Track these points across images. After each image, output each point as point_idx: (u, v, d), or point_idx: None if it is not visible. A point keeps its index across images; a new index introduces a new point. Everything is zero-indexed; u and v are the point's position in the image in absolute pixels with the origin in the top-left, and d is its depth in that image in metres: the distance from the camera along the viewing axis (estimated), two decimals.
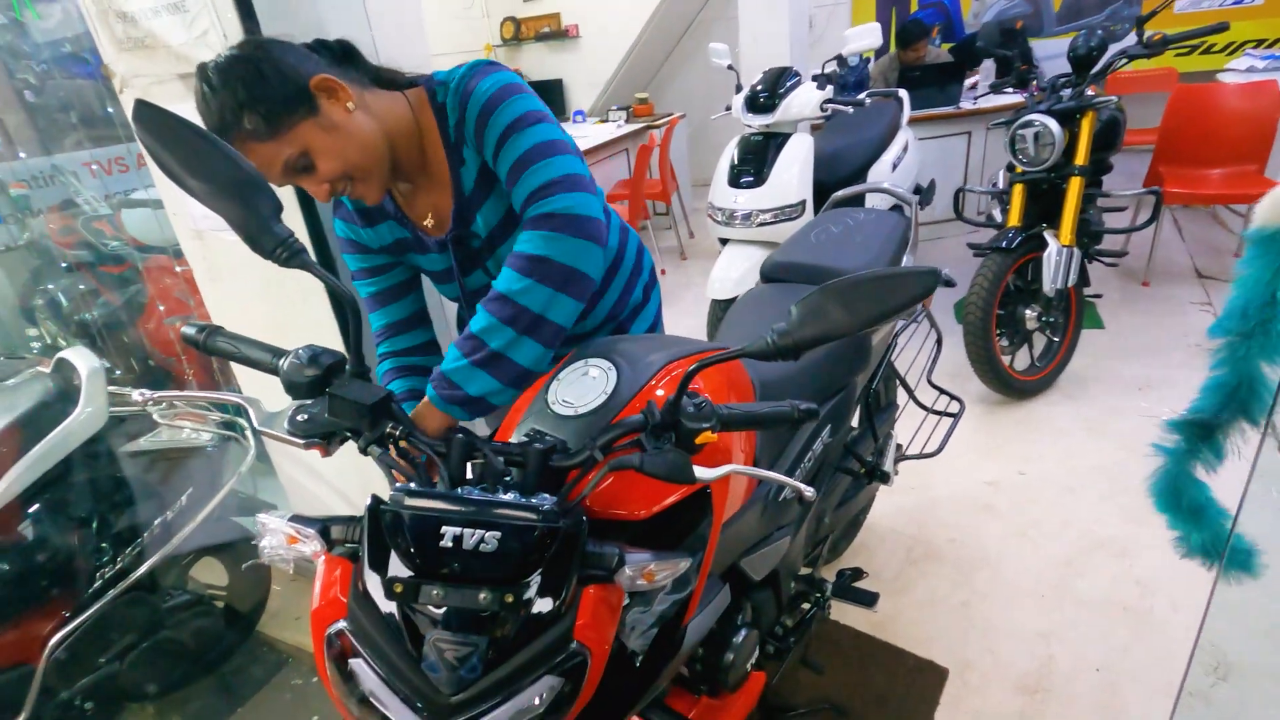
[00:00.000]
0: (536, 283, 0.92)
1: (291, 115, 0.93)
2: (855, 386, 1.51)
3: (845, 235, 1.67)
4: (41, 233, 2.79)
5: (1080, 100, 2.55)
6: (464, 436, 0.81)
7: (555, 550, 0.73)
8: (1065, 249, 2.56)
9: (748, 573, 1.21)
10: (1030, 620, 1.82)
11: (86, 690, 1.53)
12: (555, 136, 1.01)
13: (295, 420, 0.82)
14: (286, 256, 0.77)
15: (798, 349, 0.76)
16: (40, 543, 1.47)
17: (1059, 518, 2.16)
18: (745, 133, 3.08)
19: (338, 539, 0.79)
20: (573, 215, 0.95)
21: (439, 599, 0.70)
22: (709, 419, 0.82)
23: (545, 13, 5.99)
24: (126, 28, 1.21)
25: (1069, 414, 2.66)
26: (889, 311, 0.75)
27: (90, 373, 1.51)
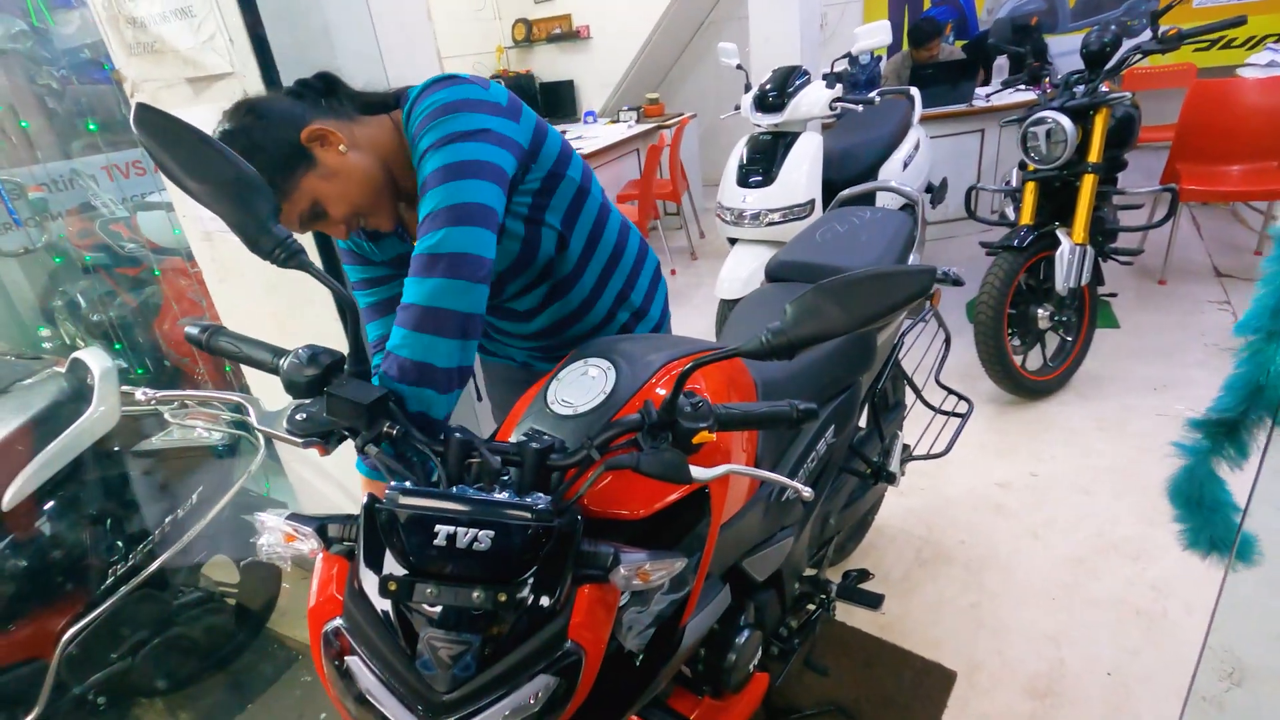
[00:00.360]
0: (409, 331, 0.89)
1: (292, 175, 0.97)
2: (860, 386, 1.50)
3: (851, 234, 1.66)
4: (60, 235, 2.84)
5: (1093, 97, 2.51)
6: (461, 435, 0.81)
7: (549, 549, 0.73)
8: (1078, 247, 2.53)
9: (750, 573, 1.21)
10: (1041, 622, 1.80)
11: (99, 685, 1.56)
12: (464, 158, 0.95)
13: (294, 419, 0.83)
14: (285, 257, 0.78)
15: (792, 348, 0.75)
16: (54, 539, 1.50)
17: (1071, 518, 2.13)
18: (754, 132, 3.08)
19: (335, 537, 0.79)
20: (441, 254, 0.91)
21: (433, 597, 0.70)
22: (706, 419, 0.81)
23: (557, 14, 6.01)
24: (136, 33, 1.23)
25: (1082, 414, 2.62)
26: (886, 310, 0.74)
27: (103, 373, 1.54)
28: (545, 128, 1.13)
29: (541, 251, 1.17)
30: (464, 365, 0.94)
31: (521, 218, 1.13)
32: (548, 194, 1.14)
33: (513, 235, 1.14)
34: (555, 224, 1.17)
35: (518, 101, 1.09)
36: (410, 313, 0.89)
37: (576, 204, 1.19)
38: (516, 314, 1.28)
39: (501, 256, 1.15)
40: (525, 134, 1.07)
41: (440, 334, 0.89)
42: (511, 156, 1.02)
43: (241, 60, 1.17)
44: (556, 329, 1.29)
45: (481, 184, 0.96)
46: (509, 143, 1.02)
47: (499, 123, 1.02)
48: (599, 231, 1.25)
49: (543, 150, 1.11)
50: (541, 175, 1.12)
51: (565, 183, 1.16)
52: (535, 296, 1.25)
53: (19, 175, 2.70)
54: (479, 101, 1.01)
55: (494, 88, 1.06)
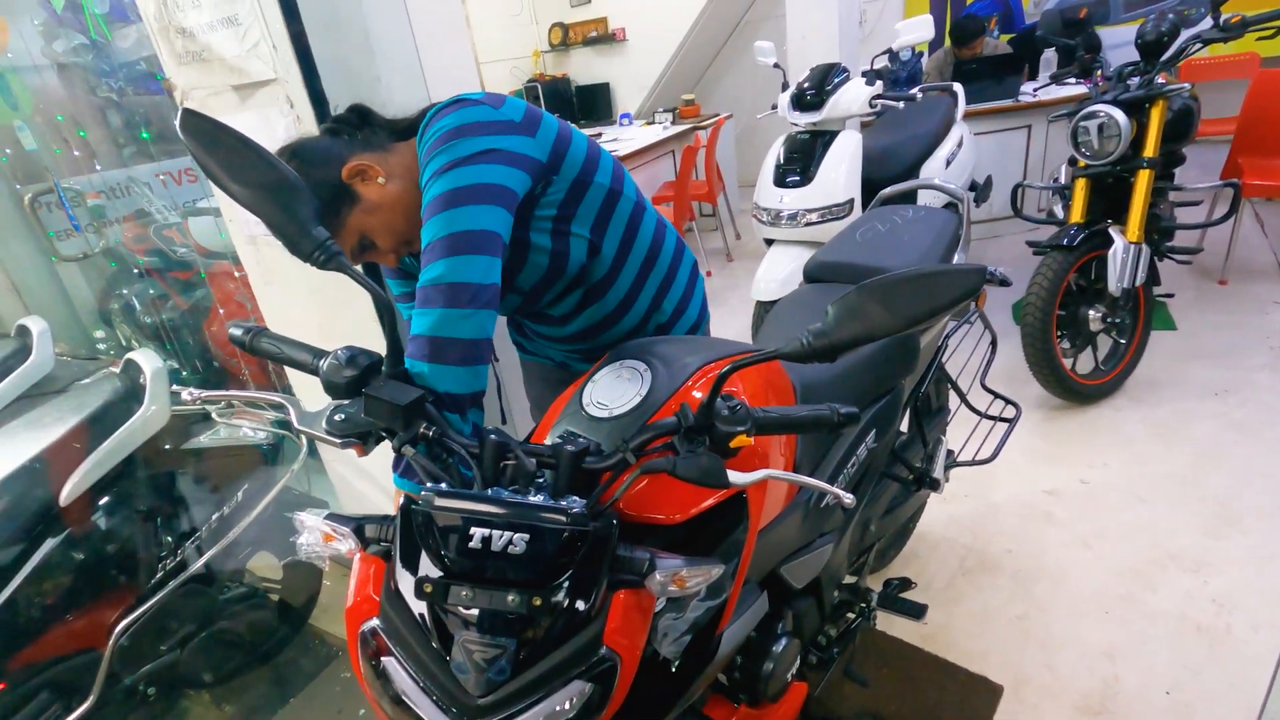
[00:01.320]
0: (415, 359, 0.90)
1: (339, 213, 1.02)
2: (903, 390, 1.46)
3: (892, 233, 1.62)
4: (116, 240, 2.96)
5: (1149, 89, 2.41)
6: (497, 438, 0.81)
7: (584, 553, 0.72)
8: (1132, 246, 2.43)
9: (788, 580, 1.18)
10: (1093, 636, 1.73)
11: (149, 676, 1.61)
12: (463, 184, 0.96)
13: (333, 420, 0.84)
14: (324, 259, 0.79)
15: (834, 350, 0.73)
16: (107, 534, 1.55)
17: (1126, 528, 2.04)
18: (791, 131, 3.03)
19: (372, 537, 0.80)
20: (440, 285, 0.92)
21: (468, 600, 0.70)
22: (744, 422, 0.80)
23: (593, 17, 6.03)
24: (185, 42, 1.27)
25: (1137, 419, 2.51)
26: (932, 311, 0.72)
27: (154, 373, 1.59)
28: (569, 136, 1.12)
29: (572, 261, 1.17)
30: (476, 390, 0.95)
31: (547, 231, 1.13)
32: (573, 203, 1.14)
33: (540, 249, 1.14)
34: (584, 232, 1.16)
35: (536, 114, 1.09)
36: (417, 344, 0.91)
37: (607, 209, 1.18)
38: (552, 318, 1.28)
39: (531, 270, 1.16)
40: (543, 147, 1.07)
41: (446, 362, 0.91)
42: (522, 173, 1.02)
43: (284, 66, 1.19)
44: (593, 331, 1.28)
45: (480, 209, 0.96)
46: (519, 159, 1.02)
47: (509, 140, 1.02)
48: (633, 233, 1.23)
49: (565, 160, 1.10)
50: (565, 185, 1.12)
51: (593, 189, 1.15)
52: (570, 302, 1.24)
53: (79, 183, 2.82)
54: (485, 123, 1.01)
55: (509, 104, 1.06)
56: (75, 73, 2.80)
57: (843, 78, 2.93)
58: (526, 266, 1.15)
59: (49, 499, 1.46)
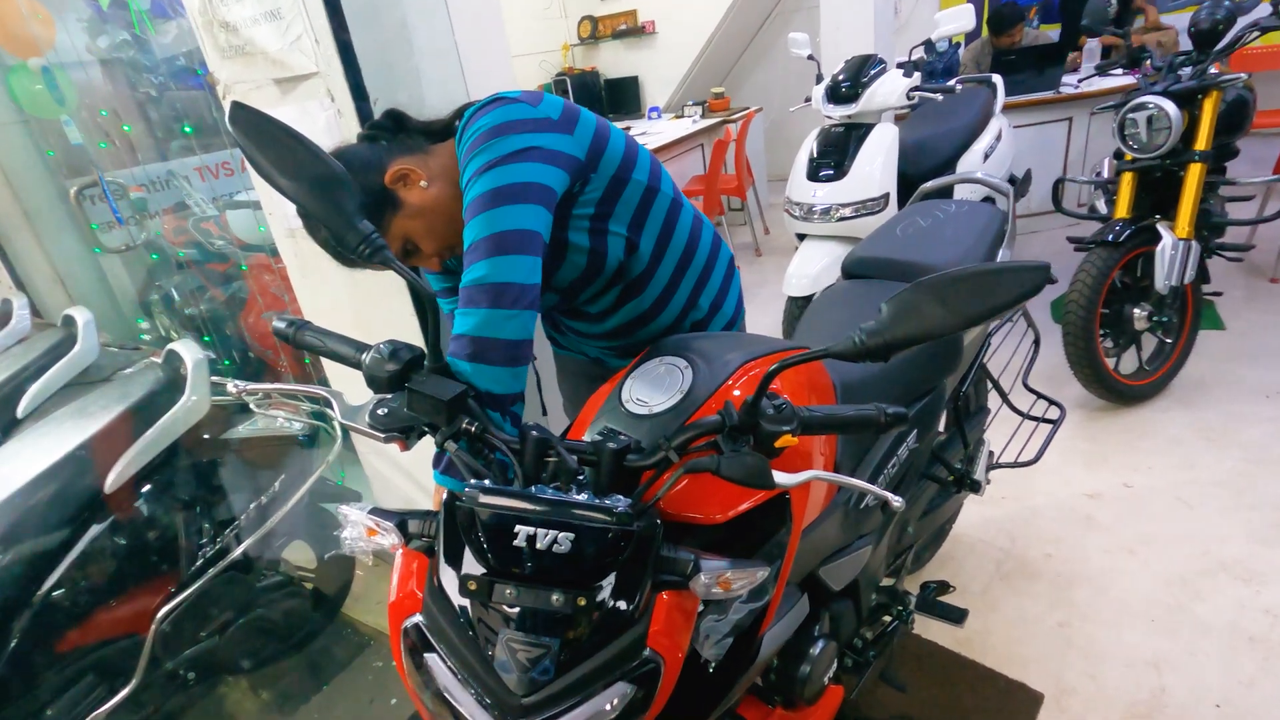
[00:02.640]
0: (458, 359, 0.91)
1: (382, 220, 1.03)
2: (945, 389, 1.43)
3: (935, 229, 1.58)
4: (157, 233, 3.02)
5: (1202, 79, 2.32)
6: (538, 434, 0.80)
7: (629, 553, 0.71)
8: (1182, 242, 2.34)
9: (826, 582, 1.16)
10: (1139, 645, 1.68)
11: (188, 661, 1.64)
12: (504, 183, 0.95)
13: (375, 414, 0.83)
14: (369, 253, 0.78)
15: (888, 350, 0.71)
16: (150, 521, 1.58)
17: (1173, 534, 1.98)
18: (825, 124, 2.98)
19: (415, 533, 0.80)
20: (484, 285, 0.92)
21: (512, 598, 0.69)
22: (789, 422, 0.78)
23: (622, 10, 6.00)
24: (229, 36, 1.28)
25: (1184, 421, 2.43)
26: (992, 311, 0.69)
27: (195, 364, 1.61)
28: (607, 132, 1.11)
29: (610, 259, 1.16)
30: (516, 391, 0.95)
31: (585, 229, 1.12)
32: (611, 201, 1.12)
33: (577, 248, 1.13)
34: (621, 230, 1.15)
35: (574, 111, 1.08)
36: (460, 343, 0.91)
37: (644, 206, 1.17)
38: (589, 315, 1.27)
39: (568, 269, 1.15)
40: (581, 145, 1.06)
41: (489, 362, 0.91)
42: (561, 171, 1.02)
43: (326, 60, 1.20)
44: (630, 328, 1.27)
45: (522, 208, 0.96)
46: (559, 157, 1.01)
47: (548, 139, 1.01)
48: (670, 230, 1.22)
49: (604, 157, 1.09)
50: (604, 183, 1.11)
51: (631, 186, 1.14)
52: (608, 299, 1.23)
53: (121, 177, 2.88)
54: (524, 121, 1.00)
55: (546, 101, 1.05)
56: (118, 68, 2.85)
57: (879, 69, 2.87)
58: (564, 265, 1.15)
59: (94, 486, 1.49)
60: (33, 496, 1.44)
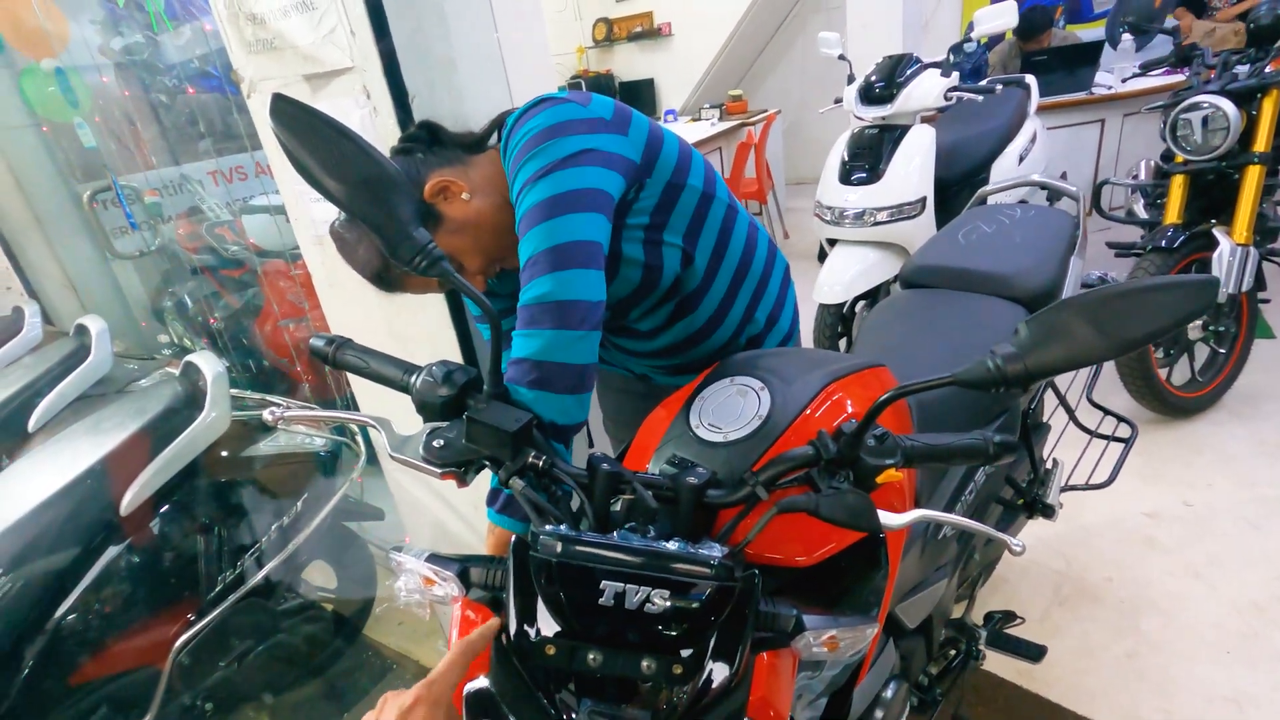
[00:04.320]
0: (519, 385, 0.82)
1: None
2: (1019, 408, 1.33)
3: (1002, 234, 1.48)
4: (171, 238, 2.95)
5: (1261, 78, 2.22)
6: (609, 467, 0.71)
7: (729, 611, 0.62)
8: (1240, 248, 2.24)
9: (902, 620, 1.07)
10: (1216, 679, 1.57)
11: (206, 691, 1.55)
12: (562, 190, 0.88)
13: (430, 446, 0.74)
14: (425, 265, 0.69)
15: (1029, 377, 0.62)
16: (167, 544, 1.50)
17: (1241, 557, 1.87)
18: (857, 126, 2.89)
19: (477, 581, 0.71)
20: (548, 303, 0.83)
21: (596, 664, 0.60)
22: (892, 454, 0.69)
23: (638, 11, 5.93)
24: (256, 29, 1.19)
25: (1241, 436, 2.32)
26: (1153, 334, 0.60)
27: (215, 377, 1.53)
28: (661, 134, 1.03)
29: (666, 272, 1.07)
30: (580, 420, 0.87)
31: (639, 240, 1.04)
32: (667, 209, 1.04)
33: (632, 261, 1.04)
34: (677, 241, 1.06)
35: (626, 111, 1.00)
36: (521, 369, 0.82)
37: (700, 214, 1.08)
38: (639, 333, 1.18)
39: (621, 284, 1.06)
40: (636, 146, 0.97)
41: (553, 389, 0.82)
42: (618, 175, 0.94)
43: (362, 54, 1.11)
44: (683, 347, 1.18)
45: (583, 217, 0.87)
46: (615, 160, 0.93)
47: (603, 140, 0.93)
48: (726, 239, 1.13)
49: (659, 161, 1.01)
50: (659, 189, 1.02)
51: (687, 192, 1.05)
52: (660, 315, 1.14)
53: (135, 181, 2.81)
54: (577, 121, 0.92)
55: (596, 101, 0.97)
56: (132, 70, 2.79)
57: (915, 69, 2.78)
58: (617, 280, 1.06)
59: (110, 506, 1.40)
60: (47, 517, 1.35)
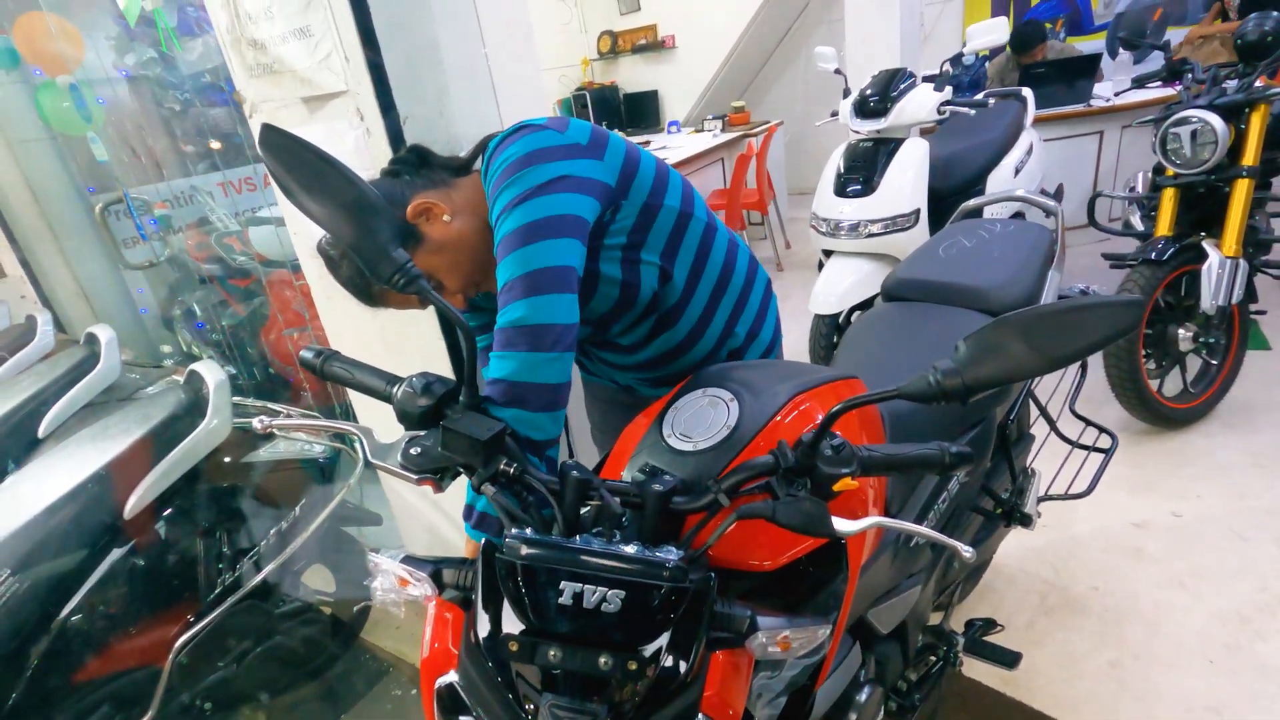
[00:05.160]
0: (496, 405, 0.87)
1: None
2: (994, 418, 1.36)
3: (980, 249, 1.51)
4: (180, 249, 3.02)
5: (1249, 93, 2.24)
6: (579, 474, 0.75)
7: (683, 611, 0.65)
8: (1229, 260, 2.26)
9: (875, 625, 1.10)
10: (1198, 689, 1.58)
11: (205, 691, 1.59)
12: (538, 216, 0.92)
13: (408, 453, 0.79)
14: (404, 283, 0.74)
15: (967, 391, 0.65)
16: (169, 548, 1.54)
17: (1227, 568, 1.88)
18: (852, 139, 2.93)
19: (449, 583, 0.75)
20: (523, 327, 0.88)
21: (556, 660, 0.64)
22: (848, 463, 0.72)
23: (642, 25, 6.01)
24: (257, 54, 1.25)
25: (1233, 446, 2.34)
26: (1081, 351, 0.63)
27: (217, 385, 1.58)
28: (637, 157, 1.07)
29: (644, 289, 1.11)
30: (554, 436, 0.92)
31: (617, 260, 1.08)
32: (644, 229, 1.08)
33: (610, 280, 1.08)
34: (654, 259, 1.10)
35: (603, 135, 1.04)
36: (498, 389, 0.88)
37: (678, 232, 1.12)
38: (621, 347, 1.22)
39: (600, 301, 1.10)
40: (611, 170, 1.01)
41: (529, 408, 0.88)
42: (592, 200, 0.98)
43: (355, 78, 1.16)
44: (663, 360, 1.22)
45: (558, 243, 0.92)
46: (589, 185, 0.97)
47: (578, 165, 0.97)
48: (704, 255, 1.17)
49: (634, 183, 1.05)
50: (636, 209, 1.06)
51: (664, 212, 1.09)
52: (641, 330, 1.18)
53: (146, 193, 2.89)
54: (554, 148, 0.97)
55: (573, 126, 1.01)
56: (144, 85, 2.87)
57: (909, 83, 2.82)
58: (596, 298, 1.10)
59: (114, 510, 1.45)
60: (53, 520, 1.40)
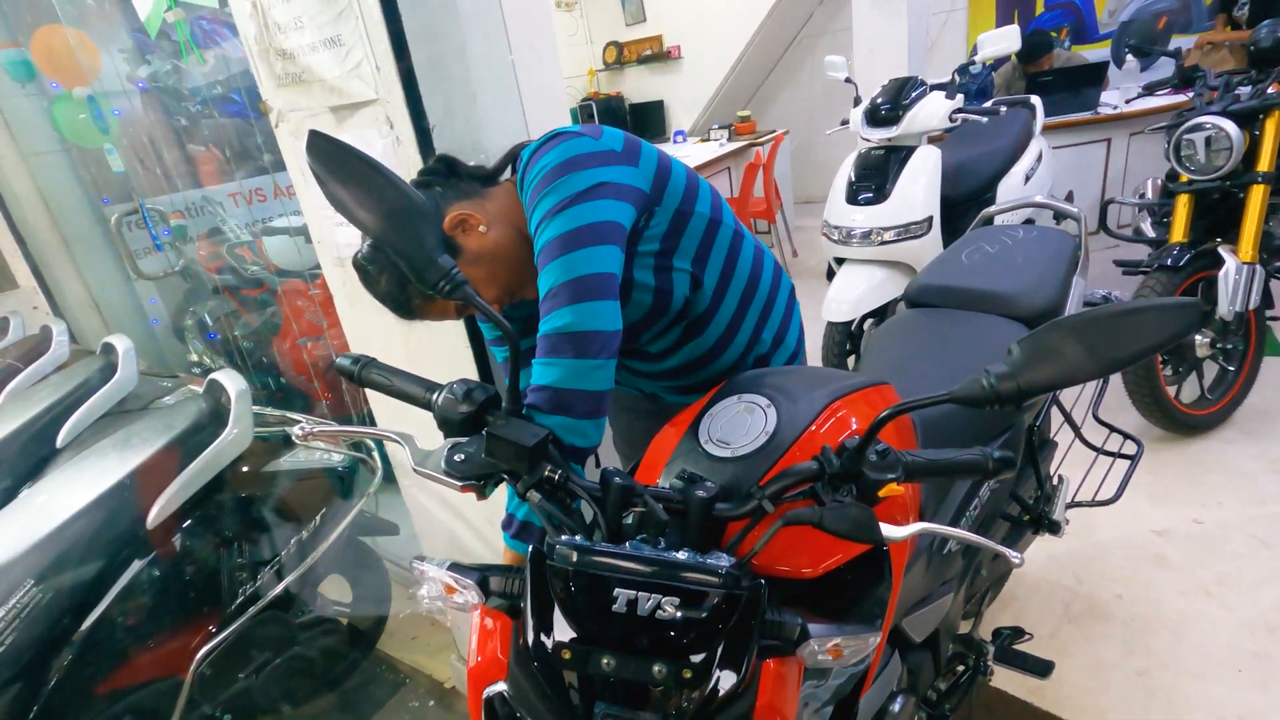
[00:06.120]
0: (540, 412, 0.87)
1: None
2: (1023, 424, 1.35)
3: (1003, 255, 1.51)
4: (193, 259, 3.02)
5: (1264, 99, 2.25)
6: (621, 481, 0.74)
7: (736, 619, 0.64)
8: (1246, 266, 2.26)
9: (909, 634, 1.09)
10: (1228, 699, 1.57)
11: (225, 702, 1.58)
12: (579, 224, 0.92)
13: (452, 460, 0.78)
14: (449, 289, 0.74)
15: (1021, 395, 0.65)
16: (191, 558, 1.54)
17: (1252, 575, 1.87)
18: (864, 148, 2.93)
19: (496, 590, 0.74)
20: (568, 334, 0.88)
21: (610, 669, 0.63)
22: (894, 469, 0.72)
23: (647, 35, 6.05)
24: (285, 64, 1.25)
25: (1252, 453, 2.32)
26: (1139, 354, 0.63)
27: (238, 394, 1.57)
28: (669, 164, 1.08)
29: (676, 296, 1.11)
30: (597, 443, 0.92)
31: (650, 266, 1.08)
32: (676, 235, 1.08)
33: (643, 287, 1.08)
34: (686, 266, 1.11)
35: (636, 143, 1.04)
36: (542, 395, 0.87)
37: (708, 239, 1.12)
38: (649, 355, 1.22)
39: (633, 309, 1.10)
40: (646, 177, 1.02)
41: (573, 415, 0.88)
42: (629, 206, 0.98)
43: (386, 87, 1.17)
44: (691, 368, 1.22)
45: (599, 250, 0.92)
46: (627, 191, 0.98)
47: (615, 172, 0.97)
48: (733, 263, 1.17)
49: (667, 189, 1.05)
50: (669, 216, 1.06)
51: (695, 219, 1.10)
52: (670, 338, 1.18)
53: (161, 203, 2.90)
54: (590, 155, 0.97)
55: (607, 134, 1.02)
56: (158, 97, 2.88)
57: (920, 91, 2.83)
58: (629, 305, 1.10)
59: (137, 520, 1.45)
60: (76, 530, 1.40)
